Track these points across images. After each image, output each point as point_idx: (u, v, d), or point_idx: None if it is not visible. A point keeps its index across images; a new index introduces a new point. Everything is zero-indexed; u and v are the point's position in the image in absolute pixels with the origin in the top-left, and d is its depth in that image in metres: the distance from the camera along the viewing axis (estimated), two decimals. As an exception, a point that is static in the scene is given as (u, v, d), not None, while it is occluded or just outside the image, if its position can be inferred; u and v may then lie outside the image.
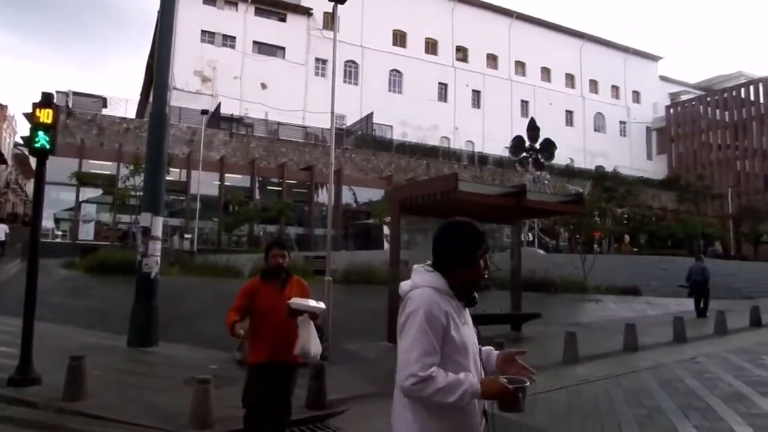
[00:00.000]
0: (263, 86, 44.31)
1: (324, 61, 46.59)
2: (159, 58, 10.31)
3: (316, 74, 47.33)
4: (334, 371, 7.81)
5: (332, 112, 11.22)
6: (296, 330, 3.93)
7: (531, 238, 33.37)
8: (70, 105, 33.93)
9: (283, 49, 46.80)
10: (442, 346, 2.00)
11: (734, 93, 62.43)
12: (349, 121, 45.73)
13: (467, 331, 2.11)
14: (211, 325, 10.19)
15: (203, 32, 43.78)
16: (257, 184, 34.63)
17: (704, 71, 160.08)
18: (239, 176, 34.47)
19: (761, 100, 59.14)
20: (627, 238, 38.21)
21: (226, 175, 33.59)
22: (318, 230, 34.21)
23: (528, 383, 2.02)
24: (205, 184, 30.76)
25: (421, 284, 2.09)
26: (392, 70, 51.77)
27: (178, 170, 31.10)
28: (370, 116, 44.90)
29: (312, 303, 4.01)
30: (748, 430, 5.56)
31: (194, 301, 12.52)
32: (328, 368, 6.99)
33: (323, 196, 34.57)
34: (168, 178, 19.86)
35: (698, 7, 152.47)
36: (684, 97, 68.38)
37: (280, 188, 34.89)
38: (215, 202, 32.52)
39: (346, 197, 36.43)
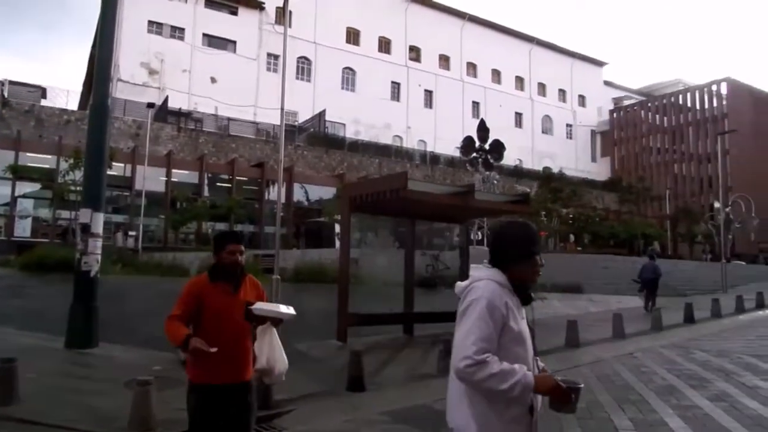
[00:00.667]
0: (213, 80, 43.40)
1: (276, 57, 46.00)
2: (101, 48, 9.94)
3: (268, 69, 46.70)
4: (282, 371, 7.74)
5: (282, 108, 11.11)
6: (251, 341, 3.33)
7: (480, 237, 33.98)
8: (6, 94, 32.28)
9: (234, 42, 45.96)
10: (500, 336, 2.04)
11: (672, 99, 65.35)
12: (302, 118, 45.37)
13: (524, 326, 2.18)
14: (154, 325, 9.91)
15: (150, 23, 42.49)
16: (206, 181, 33.89)
17: (645, 78, 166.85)
18: (187, 172, 33.63)
19: (697, 106, 62.16)
20: (572, 237, 39.45)
21: (174, 170, 32.72)
22: (269, 228, 33.73)
23: (582, 386, 2.04)
24: (151, 179, 29.85)
25: (483, 277, 2.17)
26: (345, 68, 51.65)
27: (122, 165, 30.07)
28: (322, 113, 44.66)
29: (282, 308, 3.34)
30: (678, 422, 5.84)
31: (137, 301, 12.14)
32: (275, 368, 6.91)
33: (275, 194, 34.15)
34: (111, 172, 19.19)
35: (641, 16, 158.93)
36: (626, 102, 71.10)
37: (230, 185, 34.25)
38: (162, 199, 31.62)
39: (298, 195, 36.12)
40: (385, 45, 54.77)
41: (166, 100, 38.69)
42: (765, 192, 49.36)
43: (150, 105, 31.07)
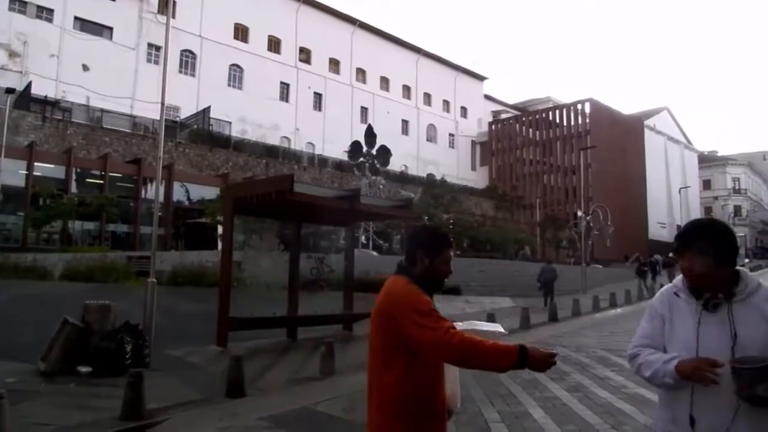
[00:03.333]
0: (85, 68, 40.14)
1: (158, 48, 43.50)
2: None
3: (149, 61, 44.07)
4: (156, 379, 7.42)
5: (162, 102, 10.59)
6: None
7: (366, 241, 34.55)
8: None
9: (110, 29, 42.83)
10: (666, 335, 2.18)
11: (543, 115, 70.60)
12: (185, 114, 43.33)
13: (689, 323, 2.09)
14: (9, 332, 9.03)
15: (12, 0, 38.42)
16: (74, 176, 31.21)
17: (520, 94, 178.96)
18: (52, 166, 30.77)
19: (564, 123, 67.65)
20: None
21: (36, 164, 29.77)
22: (145, 228, 31.82)
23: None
24: (8, 172, 26.93)
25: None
26: (233, 65, 50.10)
27: (-28, 155, 26.91)
28: (207, 110, 42.97)
29: (488, 326, 2.71)
30: (540, 412, 6.38)
31: (-11, 307, 10.96)
32: (148, 376, 6.61)
33: (152, 192, 32.27)
34: (-41, 163, 17.10)
35: (518, 37, 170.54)
36: (504, 116, 75.72)
37: (102, 181, 31.83)
38: (21, 194, 28.67)
39: (178, 194, 34.42)
40: (275, 44, 53.89)
41: (28, 86, 35.18)
42: (619, 202, 54.93)
43: (9, 90, 28.11)
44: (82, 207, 27.88)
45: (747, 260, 51.15)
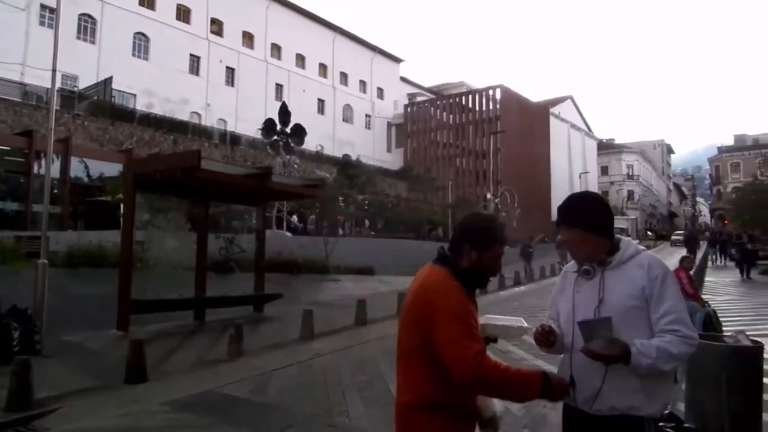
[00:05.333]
0: (-34, 29, 36.27)
1: (52, 10, 39.98)
2: None
3: (42, 24, 40.52)
4: (49, 366, 7.00)
5: (54, 69, 9.78)
6: None
7: (295, 220, 34.04)
8: None
9: (-5, -13, 38.87)
10: None
11: (457, 99, 72.23)
12: (84, 84, 40.34)
13: (572, 296, 2.27)
14: None
15: None
16: (-47, 148, 28.33)
17: (435, 77, 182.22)
18: (-74, 136, 27.77)
19: (477, 108, 69.64)
20: (367, 222, 41.56)
21: None
22: (38, 206, 29.46)
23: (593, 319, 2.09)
24: None
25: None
26: (137, 33, 47.11)
27: None
28: (108, 81, 40.22)
29: (507, 320, 2.43)
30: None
31: None
32: (40, 363, 6.22)
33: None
34: None
35: (433, 22, 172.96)
36: (419, 99, 76.68)
37: (-14, 154, 29.08)
38: None
39: (77, 170, 32.11)
40: (184, 13, 51.18)
41: None
42: (525, 186, 57.58)
43: None
44: (-37, 182, 25.43)
45: (636, 241, 55.38)
